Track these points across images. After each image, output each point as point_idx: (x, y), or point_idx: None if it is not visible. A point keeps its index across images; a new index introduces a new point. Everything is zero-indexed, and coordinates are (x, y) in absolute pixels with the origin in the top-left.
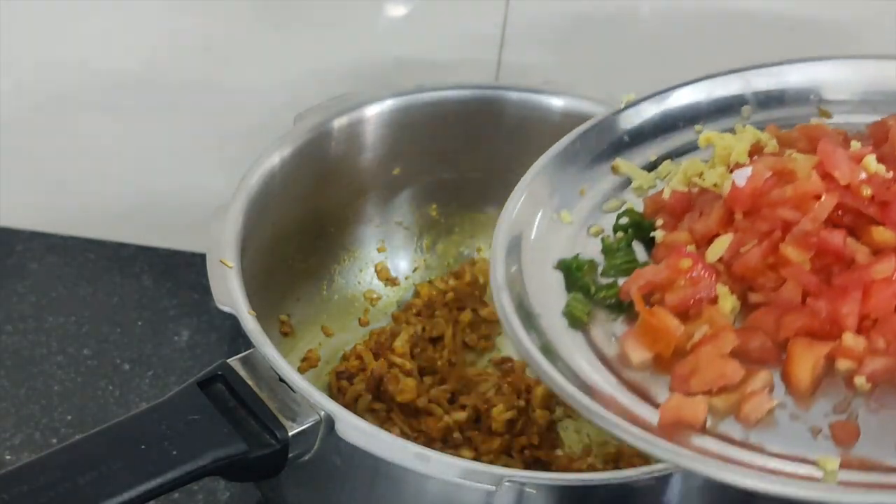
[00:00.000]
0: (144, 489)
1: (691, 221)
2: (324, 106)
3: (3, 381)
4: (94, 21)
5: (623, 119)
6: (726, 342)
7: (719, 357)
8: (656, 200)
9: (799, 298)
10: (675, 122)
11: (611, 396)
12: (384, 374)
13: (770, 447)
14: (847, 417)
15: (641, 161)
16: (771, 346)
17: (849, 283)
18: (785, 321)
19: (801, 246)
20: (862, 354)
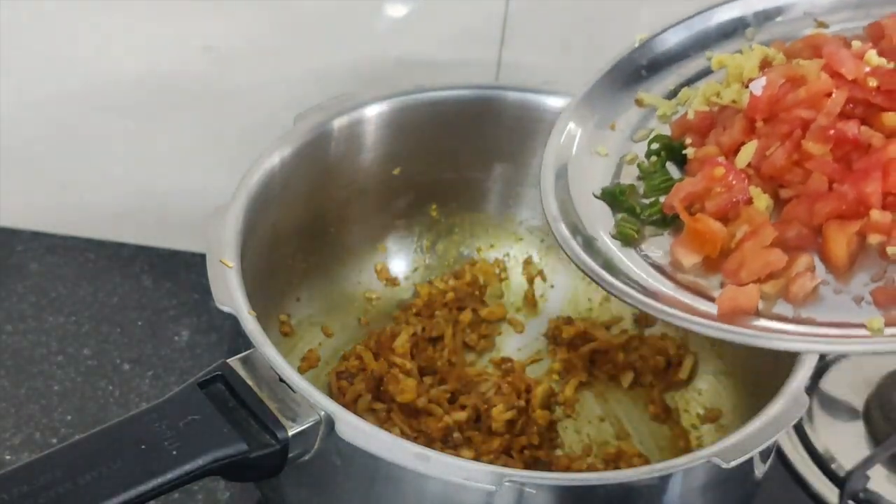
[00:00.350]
0: (144, 489)
1: (717, 136)
2: (324, 106)
3: (3, 381)
4: (95, 21)
5: (639, 56)
6: (766, 235)
7: (762, 249)
8: (682, 122)
9: (826, 187)
10: (686, 51)
11: (674, 297)
12: (384, 374)
13: (820, 319)
14: (885, 284)
15: (662, 91)
16: (807, 233)
17: (868, 166)
18: (816, 208)
19: (821, 140)
20: (890, 227)
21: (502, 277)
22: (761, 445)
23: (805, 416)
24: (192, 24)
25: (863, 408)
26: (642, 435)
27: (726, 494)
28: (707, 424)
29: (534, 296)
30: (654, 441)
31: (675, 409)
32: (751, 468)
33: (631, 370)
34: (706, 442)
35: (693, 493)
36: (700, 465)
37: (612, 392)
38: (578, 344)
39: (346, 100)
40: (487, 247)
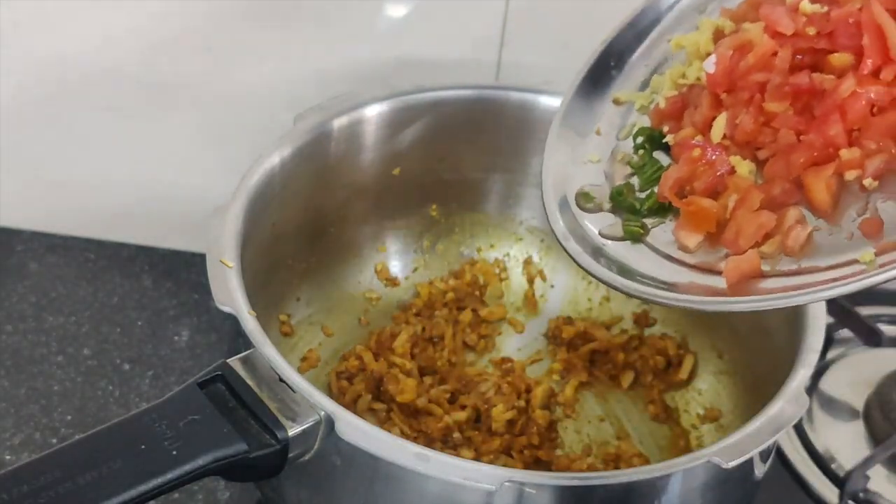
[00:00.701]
0: (144, 489)
1: (690, 116)
2: (324, 106)
3: (3, 381)
4: (95, 21)
5: (605, 58)
6: (754, 199)
7: (752, 213)
8: (657, 111)
9: (795, 140)
10: (647, 40)
11: (690, 283)
12: (384, 374)
13: (821, 264)
14: (870, 215)
15: (635, 84)
16: (790, 187)
17: (826, 110)
18: (791, 161)
19: (778, 98)
20: (861, 160)
21: (502, 277)
22: (761, 445)
23: (805, 416)
24: (192, 24)
25: (862, 408)
26: (642, 435)
27: (726, 494)
28: (707, 424)
29: (534, 296)
30: (654, 441)
31: (675, 409)
32: (751, 468)
33: (631, 370)
34: (706, 442)
35: (693, 493)
36: (700, 465)
37: (612, 392)
38: (578, 344)
39: (346, 100)
40: (487, 247)
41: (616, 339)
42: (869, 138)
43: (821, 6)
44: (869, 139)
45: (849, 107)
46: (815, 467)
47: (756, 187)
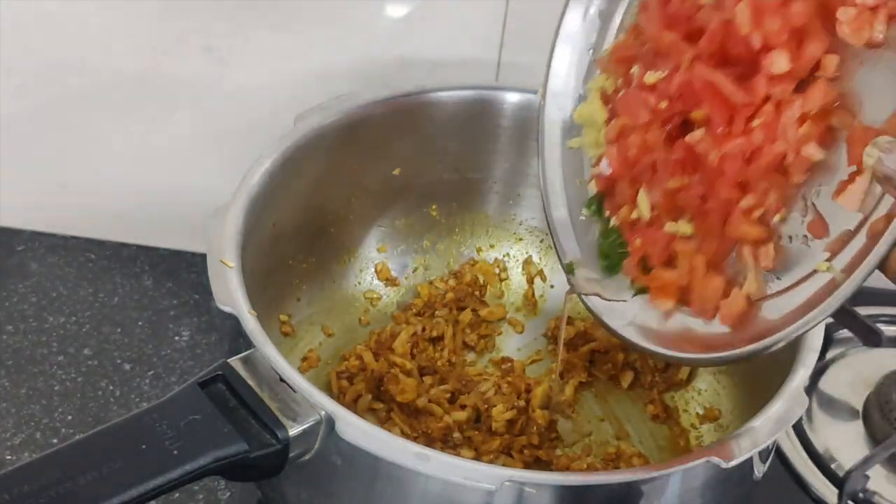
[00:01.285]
0: (145, 489)
1: (621, 193)
2: (324, 106)
3: (4, 381)
4: (95, 21)
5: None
6: (699, 266)
7: (704, 279)
8: (601, 179)
9: (702, 204)
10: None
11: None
12: (384, 374)
13: (795, 276)
14: (812, 216)
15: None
16: (724, 238)
17: (710, 176)
18: (709, 222)
19: (669, 173)
20: (760, 201)
21: (502, 277)
22: (761, 445)
23: (804, 416)
24: (192, 24)
25: (862, 408)
26: (642, 435)
27: (726, 494)
28: (706, 424)
29: (534, 296)
30: (654, 441)
31: (675, 409)
32: (750, 468)
33: (631, 370)
34: (706, 442)
35: (692, 493)
36: (700, 465)
37: (612, 392)
38: (578, 344)
39: (346, 100)
40: (487, 247)
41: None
42: (757, 182)
43: (662, 71)
44: (757, 183)
45: (725, 168)
46: (815, 467)
47: (698, 250)
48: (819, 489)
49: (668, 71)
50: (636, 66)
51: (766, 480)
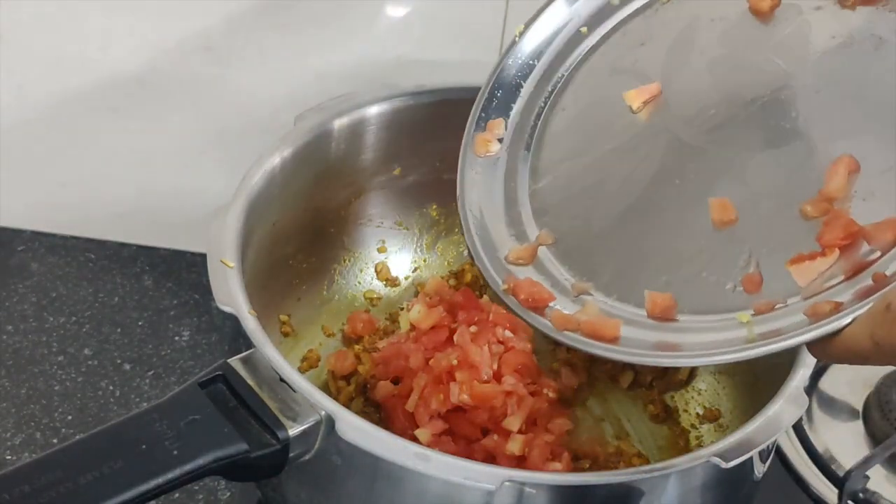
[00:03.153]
0: (145, 489)
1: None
2: (324, 106)
3: (4, 381)
4: (95, 21)
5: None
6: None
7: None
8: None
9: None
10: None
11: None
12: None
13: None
14: (753, 270)
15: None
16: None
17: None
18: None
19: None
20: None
21: None
22: (761, 445)
23: (804, 416)
24: (192, 24)
25: (862, 408)
26: (642, 435)
27: (726, 494)
28: (706, 424)
29: None
30: (654, 441)
31: (675, 409)
32: (750, 468)
33: (631, 370)
34: (706, 442)
35: (692, 493)
36: (700, 465)
37: (612, 392)
38: None
39: (346, 100)
40: None
41: None
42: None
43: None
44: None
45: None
46: (815, 467)
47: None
48: (819, 489)
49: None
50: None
51: (766, 480)
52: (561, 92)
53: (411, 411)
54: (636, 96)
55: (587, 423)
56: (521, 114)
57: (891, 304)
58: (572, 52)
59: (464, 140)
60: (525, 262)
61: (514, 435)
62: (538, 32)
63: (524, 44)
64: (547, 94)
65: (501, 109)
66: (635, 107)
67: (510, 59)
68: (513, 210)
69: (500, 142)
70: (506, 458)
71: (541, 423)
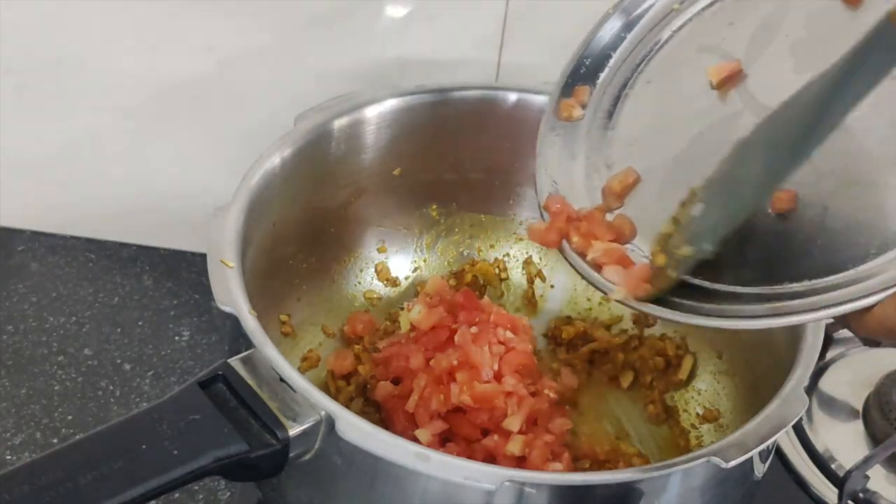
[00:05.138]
0: (145, 489)
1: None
2: (324, 106)
3: (4, 381)
4: (96, 21)
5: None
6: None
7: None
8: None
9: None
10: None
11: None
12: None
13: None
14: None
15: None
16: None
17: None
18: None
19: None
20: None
21: (502, 277)
22: (761, 445)
23: (804, 416)
24: (192, 25)
25: (862, 408)
26: (642, 435)
27: (726, 494)
28: (706, 424)
29: (534, 296)
30: (654, 441)
31: (675, 409)
32: (750, 468)
33: (631, 370)
34: (706, 442)
35: (692, 493)
36: (700, 465)
37: (612, 392)
38: (578, 344)
39: (346, 100)
40: (487, 247)
41: (616, 339)
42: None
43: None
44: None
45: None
46: (815, 467)
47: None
48: (819, 489)
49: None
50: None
51: (766, 481)
52: (648, 65)
53: (411, 412)
54: (716, 72)
55: (587, 423)
56: (608, 83)
57: None
58: (663, 28)
59: (548, 103)
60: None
61: (514, 435)
62: (631, 6)
63: (617, 16)
64: (634, 66)
65: (588, 77)
66: (715, 82)
67: (602, 30)
68: (589, 177)
69: (584, 108)
70: (506, 459)
71: (541, 424)
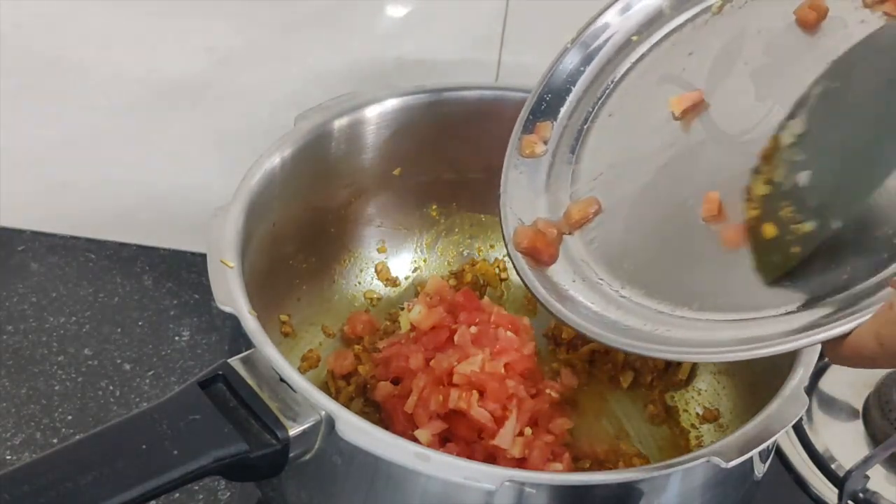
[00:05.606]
0: (145, 489)
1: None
2: (324, 106)
3: (4, 381)
4: (95, 21)
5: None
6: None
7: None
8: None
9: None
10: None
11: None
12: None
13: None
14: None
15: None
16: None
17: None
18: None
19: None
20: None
21: (502, 277)
22: (761, 445)
23: (804, 416)
24: (192, 25)
25: (862, 408)
26: (642, 435)
27: (726, 494)
28: (706, 424)
29: None
30: (654, 441)
31: (675, 409)
32: (750, 468)
33: (631, 370)
34: (706, 442)
35: (692, 493)
36: (700, 465)
37: (612, 392)
38: (578, 344)
39: (346, 100)
40: (487, 247)
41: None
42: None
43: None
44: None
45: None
46: (815, 467)
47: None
48: (819, 489)
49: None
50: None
51: (766, 481)
52: (608, 98)
53: (410, 412)
54: (679, 103)
55: (587, 423)
56: (569, 118)
57: (893, 303)
58: (622, 60)
59: (511, 140)
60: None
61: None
62: (590, 39)
63: (575, 50)
64: (595, 99)
65: (550, 113)
66: (678, 113)
67: (561, 65)
68: (555, 214)
69: (546, 144)
70: (506, 459)
71: (542, 424)
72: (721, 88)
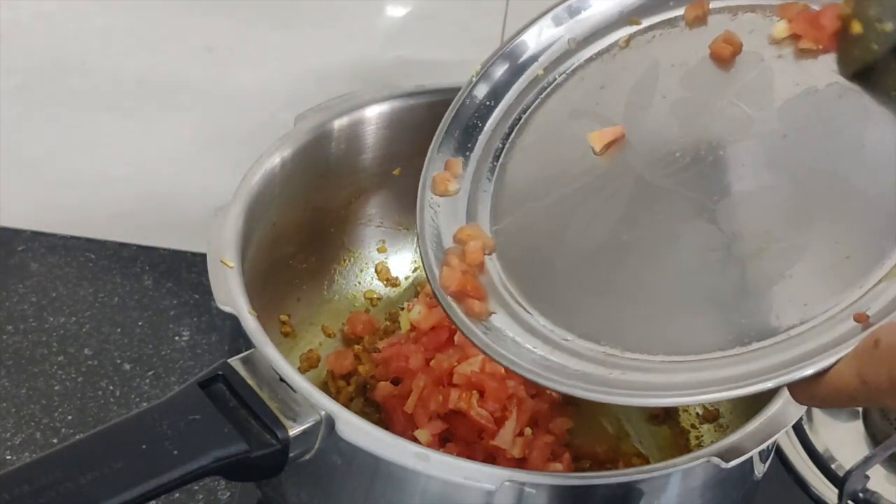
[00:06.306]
0: (145, 489)
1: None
2: (324, 106)
3: (4, 380)
4: (95, 21)
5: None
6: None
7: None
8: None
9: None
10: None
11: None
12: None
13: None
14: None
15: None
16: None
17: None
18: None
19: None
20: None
21: None
22: (761, 445)
23: (804, 416)
24: (192, 24)
25: (862, 407)
26: (642, 435)
27: (726, 494)
28: (706, 424)
29: None
30: (654, 441)
31: (675, 409)
32: (750, 468)
33: None
34: (706, 442)
35: (692, 493)
36: (699, 465)
37: None
38: None
39: (346, 100)
40: None
41: None
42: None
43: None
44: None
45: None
46: (815, 467)
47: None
48: (819, 489)
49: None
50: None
51: (766, 480)
52: (520, 133)
53: (410, 412)
54: (600, 138)
55: (587, 423)
56: (481, 154)
57: (879, 340)
58: (530, 94)
59: (421, 179)
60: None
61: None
62: (496, 73)
63: (481, 84)
64: (505, 134)
65: (460, 149)
66: (598, 148)
67: (467, 100)
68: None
69: (459, 182)
70: (506, 459)
71: (542, 424)
72: (640, 122)
